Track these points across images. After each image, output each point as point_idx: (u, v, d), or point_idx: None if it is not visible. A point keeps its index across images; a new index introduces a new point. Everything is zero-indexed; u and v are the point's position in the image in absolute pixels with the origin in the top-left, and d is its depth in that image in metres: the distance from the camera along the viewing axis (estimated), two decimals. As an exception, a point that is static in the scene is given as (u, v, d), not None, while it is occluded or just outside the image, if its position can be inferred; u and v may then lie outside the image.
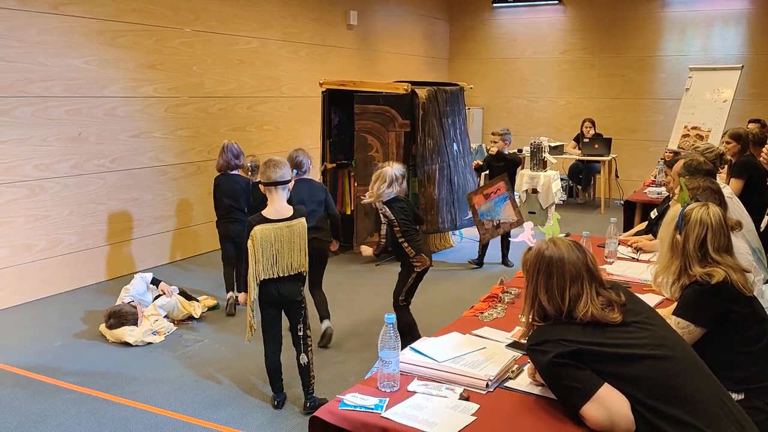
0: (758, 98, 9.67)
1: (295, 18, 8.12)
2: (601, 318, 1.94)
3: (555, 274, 2.00)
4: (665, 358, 1.88)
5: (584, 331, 1.94)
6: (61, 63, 5.54)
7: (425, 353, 2.29)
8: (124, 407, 3.68)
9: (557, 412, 1.98)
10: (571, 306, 1.97)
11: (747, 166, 5.19)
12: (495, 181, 6.26)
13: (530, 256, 2.09)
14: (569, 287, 1.98)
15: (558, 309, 1.99)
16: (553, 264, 2.01)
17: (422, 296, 5.69)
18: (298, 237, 3.53)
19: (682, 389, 1.84)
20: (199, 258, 6.89)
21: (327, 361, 4.32)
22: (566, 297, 1.98)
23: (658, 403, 1.81)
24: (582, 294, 1.98)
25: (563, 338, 1.92)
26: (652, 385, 1.83)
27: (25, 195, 5.38)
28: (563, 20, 10.99)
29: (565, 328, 1.96)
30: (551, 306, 2.00)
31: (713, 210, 2.48)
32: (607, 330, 1.93)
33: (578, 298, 1.97)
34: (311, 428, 2.02)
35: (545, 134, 10.21)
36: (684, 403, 1.82)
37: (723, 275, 2.33)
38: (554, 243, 2.08)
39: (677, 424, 1.79)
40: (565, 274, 1.99)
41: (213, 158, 7.06)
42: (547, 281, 2.00)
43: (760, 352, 2.33)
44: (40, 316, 5.15)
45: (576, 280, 1.99)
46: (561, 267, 2.00)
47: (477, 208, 6.15)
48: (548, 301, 2.00)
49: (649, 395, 1.83)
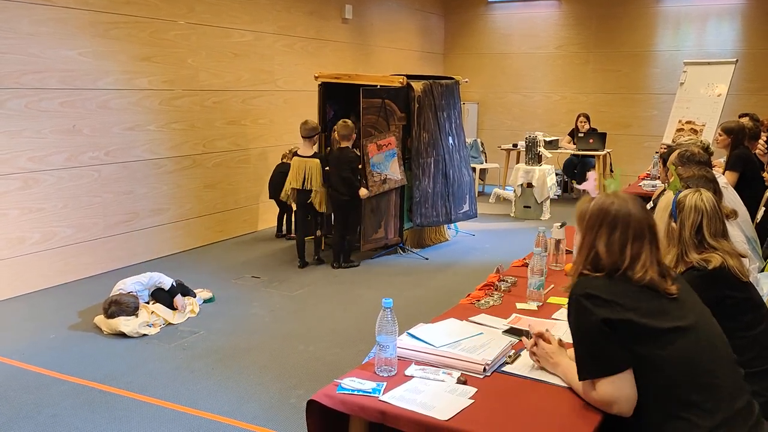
0: (752, 92, 9.70)
1: (289, 11, 8.10)
2: (659, 285, 1.89)
3: (619, 228, 1.94)
4: (698, 342, 1.85)
5: (639, 296, 1.87)
6: (54, 55, 5.51)
7: (422, 338, 2.29)
8: (119, 398, 3.67)
9: (554, 396, 1.98)
10: (628, 263, 1.91)
11: (742, 159, 5.21)
12: (387, 134, 6.38)
13: (593, 207, 2.01)
14: (631, 244, 1.92)
15: (614, 264, 1.92)
16: (619, 218, 1.95)
17: (418, 289, 5.71)
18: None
19: (709, 376, 1.82)
20: (194, 251, 6.87)
21: (325, 353, 4.32)
22: (626, 254, 1.91)
23: (682, 389, 1.80)
24: (641, 253, 1.92)
25: (617, 300, 1.85)
26: (682, 370, 1.81)
27: (19, 187, 5.35)
28: (558, 15, 11.00)
29: (621, 287, 1.89)
30: (608, 259, 1.93)
31: (706, 195, 2.48)
32: (661, 301, 1.88)
33: (637, 258, 1.91)
34: (309, 412, 2.02)
35: (540, 129, 10.24)
36: (708, 391, 1.80)
37: (720, 261, 2.34)
38: (619, 197, 2.00)
39: (698, 410, 1.78)
40: (629, 230, 1.93)
41: (208, 151, 7.07)
42: (610, 234, 1.94)
43: (756, 338, 2.33)
44: (34, 308, 5.13)
45: (638, 238, 1.93)
46: (626, 222, 1.94)
47: (370, 157, 6.29)
48: (606, 253, 1.93)
49: (676, 380, 1.80)
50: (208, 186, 7.14)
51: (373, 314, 2.24)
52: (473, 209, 7.45)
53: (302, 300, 5.39)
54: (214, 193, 7.23)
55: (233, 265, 6.37)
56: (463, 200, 7.26)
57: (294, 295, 5.50)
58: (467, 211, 7.35)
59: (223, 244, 7.21)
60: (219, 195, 7.30)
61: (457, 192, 7.12)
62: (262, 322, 4.88)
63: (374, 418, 1.92)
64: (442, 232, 7.44)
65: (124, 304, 4.59)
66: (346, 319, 4.97)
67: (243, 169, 7.60)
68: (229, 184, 7.42)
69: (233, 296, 5.43)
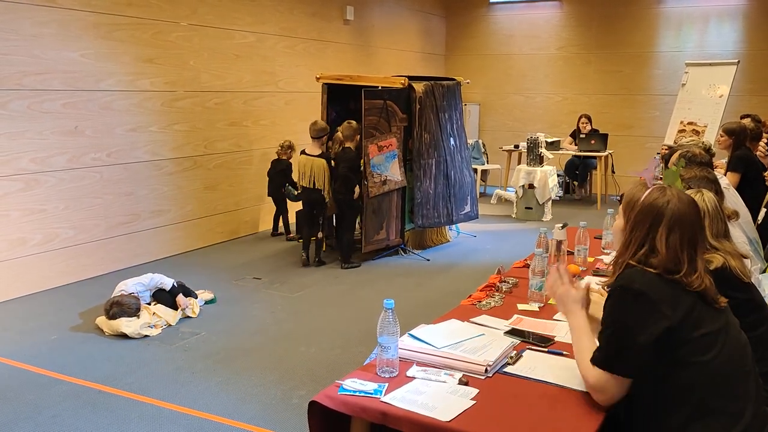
0: (754, 93, 9.70)
1: (291, 13, 8.11)
2: (712, 295, 1.85)
3: (677, 230, 1.85)
4: (724, 349, 1.83)
5: (688, 303, 1.80)
6: (57, 56, 5.51)
7: (424, 339, 2.29)
8: (120, 398, 3.67)
9: (556, 397, 1.98)
10: (687, 269, 1.83)
11: (743, 160, 5.20)
12: (388, 136, 6.37)
13: (646, 201, 1.91)
14: (688, 248, 1.85)
15: (668, 265, 1.83)
16: (678, 219, 1.86)
17: (419, 290, 5.70)
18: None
19: (732, 383, 1.82)
20: (195, 252, 6.88)
21: (326, 354, 4.31)
22: (683, 258, 1.84)
23: (704, 395, 1.78)
24: (696, 259, 1.84)
25: (662, 303, 1.78)
26: (706, 377, 1.79)
27: (21, 189, 5.35)
28: (560, 16, 11.00)
29: (671, 290, 1.81)
30: (665, 259, 1.84)
31: (708, 196, 2.48)
32: (708, 310, 1.83)
33: (693, 263, 1.84)
34: (310, 413, 2.02)
35: (542, 130, 10.24)
36: (731, 398, 1.80)
37: (722, 261, 2.33)
38: (678, 196, 1.89)
39: (719, 416, 1.78)
40: (685, 233, 1.85)
41: (209, 153, 7.08)
42: (668, 234, 1.85)
43: (758, 338, 2.32)
44: (35, 310, 5.13)
45: (692, 243, 1.86)
46: (683, 224, 1.86)
47: (371, 158, 6.28)
48: (666, 254, 1.83)
49: (700, 386, 1.79)
50: (209, 187, 7.15)
51: (375, 315, 2.24)
52: (474, 210, 7.45)
53: (303, 301, 5.39)
54: (215, 195, 7.23)
55: (234, 266, 6.37)
56: (465, 201, 7.25)
57: (295, 296, 5.50)
58: (468, 212, 7.34)
59: (224, 246, 7.21)
60: (220, 196, 7.30)
61: (458, 193, 7.11)
62: (264, 323, 4.88)
63: (376, 419, 1.92)
64: (443, 233, 7.43)
65: (126, 305, 4.59)
66: (348, 320, 4.96)
67: (244, 170, 7.61)
68: (230, 186, 7.42)
69: (234, 297, 5.43)
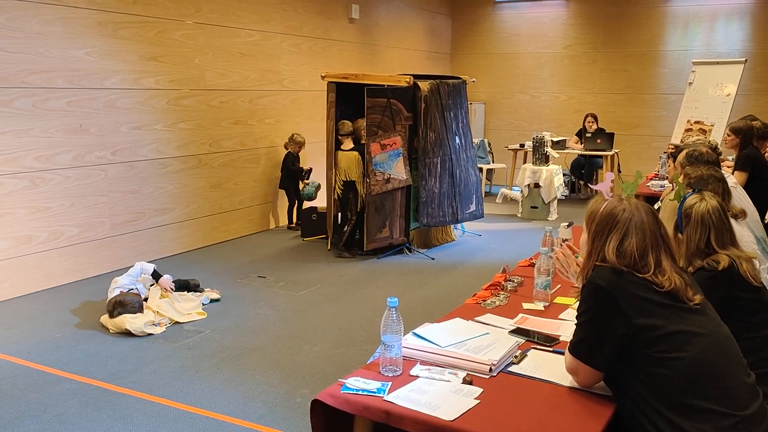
0: (762, 93, 9.64)
1: (296, 11, 8.10)
2: (682, 294, 1.88)
3: (633, 235, 1.92)
4: (710, 347, 1.84)
5: (663, 303, 1.86)
6: (62, 54, 5.52)
7: (428, 338, 2.27)
8: (125, 397, 3.67)
9: (561, 396, 1.96)
10: (653, 270, 1.89)
11: (751, 159, 5.18)
12: (392, 134, 6.34)
13: (604, 211, 2.00)
14: (651, 251, 1.91)
15: (628, 267, 1.90)
16: (631, 225, 1.94)
17: (423, 289, 5.69)
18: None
19: (720, 381, 1.81)
20: (200, 251, 6.88)
21: (331, 352, 4.31)
22: (649, 260, 1.90)
23: (692, 394, 1.78)
24: (662, 260, 1.91)
25: (622, 297, 1.84)
26: (694, 375, 1.79)
27: (26, 186, 5.36)
28: (566, 15, 10.96)
29: (642, 291, 1.87)
30: (619, 263, 1.91)
31: (711, 204, 2.45)
32: (678, 308, 1.87)
33: (659, 264, 1.90)
34: (313, 411, 2.01)
35: (547, 129, 10.20)
36: (719, 396, 1.79)
37: (728, 261, 2.32)
38: (632, 204, 1.99)
39: (708, 415, 1.77)
40: (646, 237, 1.92)
41: (214, 151, 7.08)
42: (622, 240, 1.93)
43: (765, 339, 2.31)
44: (40, 307, 5.14)
45: (655, 246, 1.93)
46: (642, 229, 1.93)
47: (373, 156, 6.26)
48: (616, 259, 1.91)
49: (687, 385, 1.79)
50: (214, 186, 7.15)
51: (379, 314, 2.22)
52: (480, 209, 7.43)
53: (307, 299, 5.38)
54: (220, 193, 7.23)
55: (239, 264, 6.37)
56: (470, 200, 7.24)
57: (299, 295, 5.49)
58: (474, 211, 7.33)
59: (229, 244, 7.21)
60: (225, 195, 7.31)
61: (463, 192, 7.09)
62: (268, 321, 4.88)
63: (379, 418, 1.91)
64: (448, 232, 7.42)
65: (129, 305, 4.59)
66: (352, 318, 4.96)
67: (249, 168, 7.61)
68: (235, 184, 7.42)
69: (239, 296, 5.43)
